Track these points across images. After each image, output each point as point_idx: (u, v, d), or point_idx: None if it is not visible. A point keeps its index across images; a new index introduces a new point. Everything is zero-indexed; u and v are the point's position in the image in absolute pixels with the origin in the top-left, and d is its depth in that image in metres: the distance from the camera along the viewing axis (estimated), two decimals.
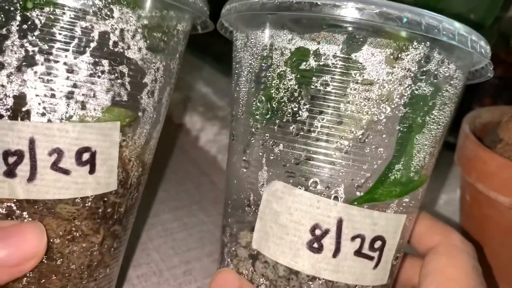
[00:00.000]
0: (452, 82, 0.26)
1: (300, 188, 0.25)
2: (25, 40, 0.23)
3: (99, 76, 0.25)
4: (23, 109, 0.24)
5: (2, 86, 0.24)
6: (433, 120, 0.26)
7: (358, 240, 0.25)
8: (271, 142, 0.26)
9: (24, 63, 0.23)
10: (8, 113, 0.24)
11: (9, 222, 0.25)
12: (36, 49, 0.23)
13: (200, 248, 0.44)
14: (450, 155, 0.43)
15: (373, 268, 0.26)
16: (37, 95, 0.24)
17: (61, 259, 0.26)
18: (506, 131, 0.40)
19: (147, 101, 0.28)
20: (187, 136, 0.63)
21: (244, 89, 0.28)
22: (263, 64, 0.26)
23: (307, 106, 0.25)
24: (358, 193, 0.25)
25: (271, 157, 0.26)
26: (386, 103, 0.24)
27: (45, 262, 0.26)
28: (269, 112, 0.26)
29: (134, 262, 0.41)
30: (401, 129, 0.25)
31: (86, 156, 0.25)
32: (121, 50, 0.25)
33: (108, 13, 0.24)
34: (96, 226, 0.27)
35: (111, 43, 0.25)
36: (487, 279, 0.28)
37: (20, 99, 0.24)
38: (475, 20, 0.40)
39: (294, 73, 0.25)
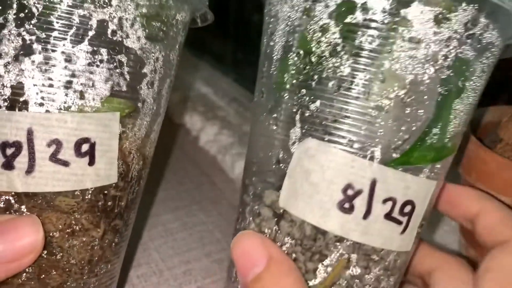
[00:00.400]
0: (492, 50, 0.26)
1: (335, 147, 0.25)
2: (22, 29, 0.23)
3: (97, 65, 0.25)
4: (21, 99, 0.24)
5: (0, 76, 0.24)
6: (471, 87, 0.26)
7: (390, 203, 0.25)
8: (307, 99, 0.25)
9: (21, 52, 0.23)
10: (6, 103, 0.24)
11: (3, 217, 0.24)
12: (33, 38, 0.23)
13: (200, 248, 0.44)
14: None
15: (400, 233, 0.26)
16: (35, 85, 0.24)
17: (61, 254, 0.26)
18: (506, 131, 0.40)
19: (147, 92, 0.28)
20: (187, 136, 0.63)
21: (279, 43, 0.27)
22: (304, 17, 0.26)
23: (350, 61, 0.24)
24: (394, 155, 0.25)
25: (306, 114, 0.25)
26: (431, 63, 0.24)
27: (45, 256, 0.26)
28: (307, 67, 0.25)
29: (134, 262, 0.41)
30: (442, 92, 0.25)
31: (85, 147, 0.25)
32: (120, 39, 0.25)
33: (106, 1, 0.24)
34: (96, 220, 0.27)
35: (109, 31, 0.25)
36: None
37: (18, 89, 0.24)
38: None
39: (338, 26, 0.24)
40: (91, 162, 0.25)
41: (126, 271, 0.40)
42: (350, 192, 0.24)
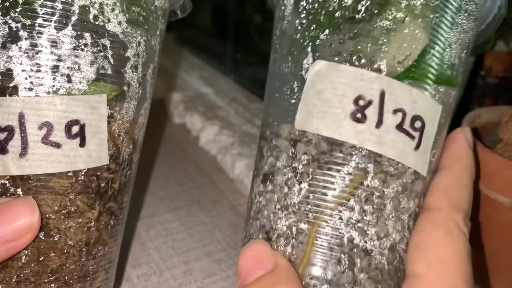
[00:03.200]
0: None
1: (344, 64, 0.29)
2: (8, 17, 0.27)
3: (82, 49, 0.28)
4: (11, 85, 0.27)
5: None
6: (464, 15, 0.30)
7: (400, 115, 0.28)
8: (317, 31, 0.30)
9: (8, 40, 0.27)
10: None
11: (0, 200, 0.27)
12: (19, 25, 0.27)
13: (200, 248, 0.47)
14: None
15: (414, 149, 0.29)
16: (23, 70, 0.27)
17: (58, 235, 0.29)
18: (506, 131, 0.42)
19: (131, 76, 0.31)
20: (187, 136, 0.67)
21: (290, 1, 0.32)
22: None
23: None
24: (398, 69, 0.29)
25: (317, 43, 0.30)
26: None
27: (43, 238, 0.29)
28: (316, 6, 0.30)
29: (134, 262, 0.44)
30: (434, 19, 0.29)
31: (75, 129, 0.28)
32: (102, 24, 0.29)
33: None
34: (91, 202, 0.30)
35: (91, 16, 0.28)
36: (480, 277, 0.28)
37: (7, 75, 0.27)
38: None
39: None
40: (82, 144, 0.29)
41: (124, 270, 0.43)
42: (361, 102, 0.28)
